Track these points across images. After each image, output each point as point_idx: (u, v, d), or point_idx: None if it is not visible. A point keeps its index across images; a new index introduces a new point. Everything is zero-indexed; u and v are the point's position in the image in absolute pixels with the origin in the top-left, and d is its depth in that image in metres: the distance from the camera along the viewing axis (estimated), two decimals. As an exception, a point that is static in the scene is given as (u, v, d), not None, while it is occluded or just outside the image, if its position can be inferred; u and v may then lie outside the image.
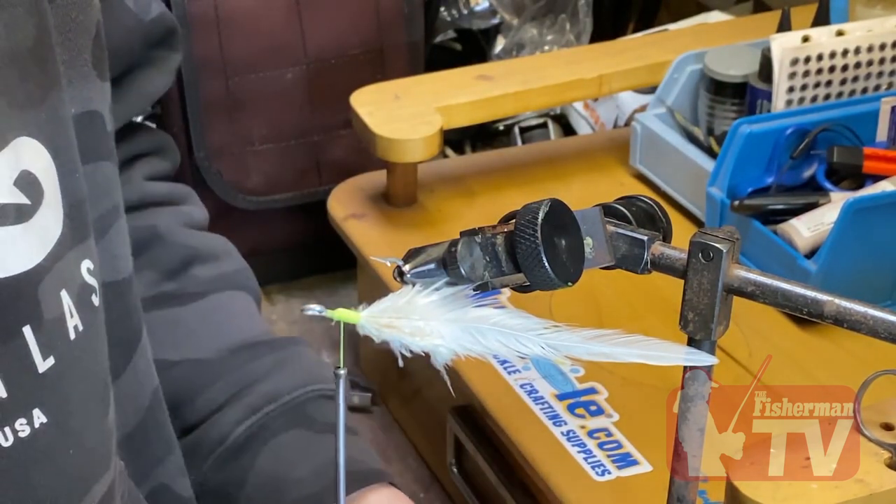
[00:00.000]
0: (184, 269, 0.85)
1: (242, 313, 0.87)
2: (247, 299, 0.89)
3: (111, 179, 0.72)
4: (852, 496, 0.60)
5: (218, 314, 0.86)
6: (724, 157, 1.17)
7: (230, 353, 0.84)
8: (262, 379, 0.82)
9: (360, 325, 0.56)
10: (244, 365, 0.83)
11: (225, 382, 0.82)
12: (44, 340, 0.60)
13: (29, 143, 0.60)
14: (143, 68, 0.82)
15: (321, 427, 0.81)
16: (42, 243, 0.60)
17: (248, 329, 0.86)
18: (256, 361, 0.83)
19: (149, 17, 0.80)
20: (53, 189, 0.61)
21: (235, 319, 0.86)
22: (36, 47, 0.61)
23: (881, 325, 0.54)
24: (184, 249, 0.86)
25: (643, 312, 1.13)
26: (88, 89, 0.69)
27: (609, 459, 0.97)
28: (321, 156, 1.48)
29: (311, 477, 0.78)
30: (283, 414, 0.81)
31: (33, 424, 0.60)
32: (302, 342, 0.88)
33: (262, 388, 0.82)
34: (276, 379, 0.82)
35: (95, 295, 0.64)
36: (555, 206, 0.56)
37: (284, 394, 0.82)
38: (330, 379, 0.84)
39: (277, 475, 0.79)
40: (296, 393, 0.82)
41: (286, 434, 0.80)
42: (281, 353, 0.84)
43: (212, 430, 0.81)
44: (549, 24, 1.73)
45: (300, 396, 0.82)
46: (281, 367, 0.83)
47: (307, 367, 0.84)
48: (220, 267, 0.88)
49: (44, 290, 0.60)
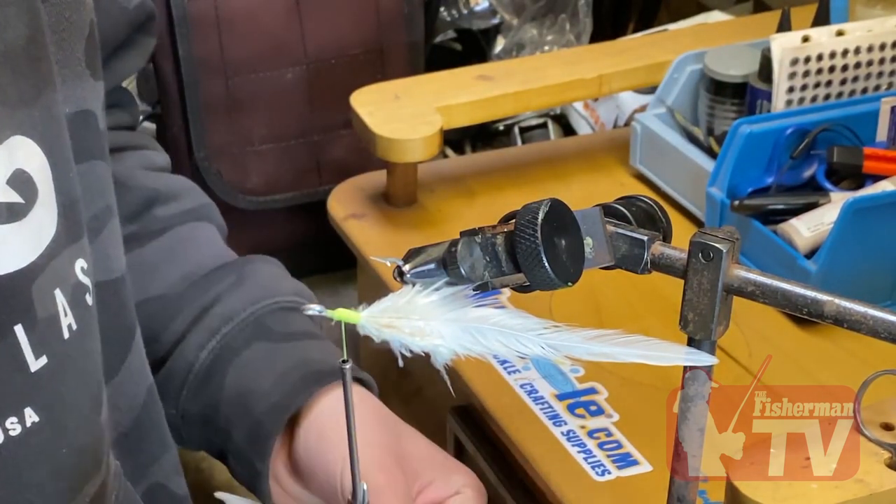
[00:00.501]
0: (145, 210, 0.86)
1: (203, 242, 0.88)
2: (208, 229, 0.89)
3: (105, 179, 0.73)
4: (852, 496, 0.60)
5: (179, 247, 0.86)
6: (724, 157, 1.17)
7: (191, 283, 0.85)
8: (219, 300, 0.83)
9: (360, 325, 0.56)
10: (204, 291, 0.84)
11: (186, 312, 0.84)
12: (36, 339, 0.60)
13: (23, 143, 0.60)
14: (121, 51, 0.84)
15: (280, 336, 0.82)
16: (36, 242, 0.60)
17: (209, 257, 0.87)
18: (216, 285, 0.84)
19: (132, 5, 0.82)
20: (48, 188, 0.61)
21: (196, 249, 0.87)
22: (29, 46, 0.61)
23: (881, 325, 0.54)
24: (144, 191, 0.86)
25: (643, 312, 1.13)
26: (82, 88, 0.69)
27: (609, 459, 0.97)
28: (321, 156, 1.48)
29: (275, 386, 0.79)
30: (242, 331, 0.82)
31: (25, 423, 0.60)
32: (263, 259, 0.89)
33: (219, 309, 0.83)
34: (232, 298, 0.83)
35: (89, 294, 0.64)
36: (555, 206, 0.56)
37: (241, 311, 0.83)
38: (286, 291, 0.86)
39: (244, 390, 0.80)
40: (252, 308, 0.83)
41: (248, 350, 0.82)
42: (238, 272, 0.85)
43: (179, 361, 0.82)
44: (549, 24, 1.73)
45: (257, 311, 0.83)
46: (237, 286, 0.84)
47: (263, 282, 0.85)
48: (182, 205, 0.89)
49: (37, 289, 0.60)
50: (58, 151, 0.63)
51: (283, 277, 0.88)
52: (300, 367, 0.80)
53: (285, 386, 0.79)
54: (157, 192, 0.87)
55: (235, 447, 0.81)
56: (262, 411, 0.79)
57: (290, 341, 0.82)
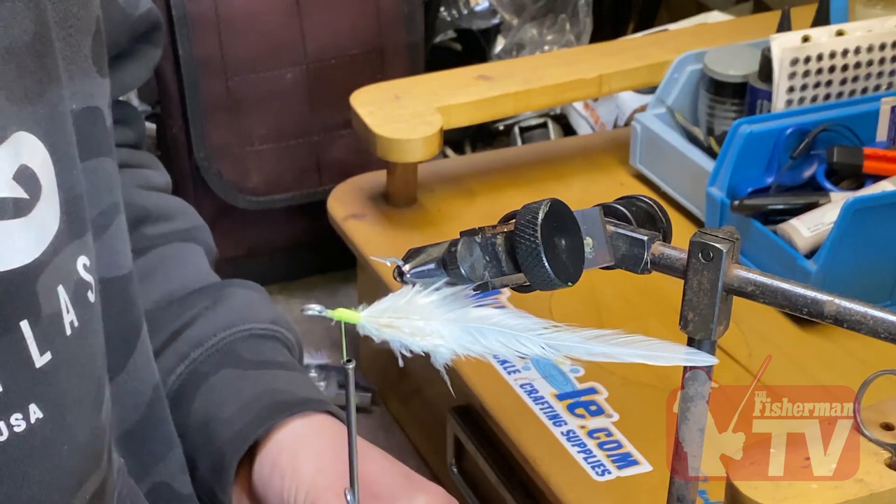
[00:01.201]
0: (133, 228, 0.84)
1: (186, 264, 0.87)
2: (194, 250, 0.88)
3: (112, 176, 0.72)
4: (852, 496, 0.60)
5: (161, 266, 0.85)
6: (724, 157, 1.17)
7: (167, 305, 0.83)
8: (192, 324, 0.82)
9: (360, 325, 0.56)
10: (179, 314, 0.83)
11: (160, 334, 0.82)
12: (41, 335, 0.60)
13: (27, 139, 0.60)
14: (124, 60, 0.82)
15: (249, 364, 0.81)
16: (40, 238, 0.60)
17: (189, 278, 0.86)
18: (190, 309, 0.83)
19: (137, 13, 0.81)
20: (50, 184, 0.61)
21: (177, 270, 0.86)
22: (34, 42, 0.61)
23: (881, 325, 0.54)
24: (134, 210, 0.85)
25: (643, 312, 1.13)
26: (89, 85, 0.69)
27: (609, 459, 0.97)
28: (321, 156, 1.48)
29: (238, 414, 0.78)
30: (211, 356, 0.81)
31: (29, 419, 0.60)
32: (243, 284, 0.87)
33: (190, 333, 0.82)
34: (203, 323, 0.82)
35: (91, 291, 0.64)
36: (555, 206, 0.56)
37: (211, 336, 0.82)
38: (262, 318, 0.84)
39: (209, 417, 0.79)
40: (223, 334, 0.82)
41: (215, 376, 0.81)
42: (214, 296, 0.84)
43: None
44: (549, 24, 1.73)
45: (228, 337, 0.82)
46: (211, 310, 0.83)
47: (237, 307, 0.84)
48: (172, 225, 0.87)
49: (42, 285, 0.60)
50: (61, 148, 0.63)
51: (261, 303, 0.87)
52: (265, 397, 0.79)
53: (248, 415, 0.78)
54: (148, 210, 0.86)
55: (199, 475, 0.80)
56: (224, 440, 0.78)
57: (259, 369, 0.81)
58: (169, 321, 0.83)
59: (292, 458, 0.76)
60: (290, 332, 0.87)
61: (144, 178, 0.88)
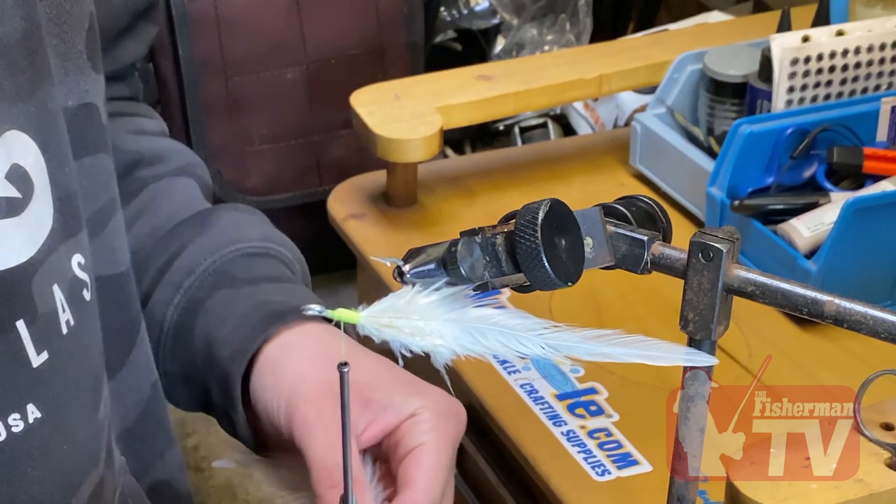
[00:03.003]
0: (127, 173, 0.83)
1: (175, 196, 0.85)
2: (184, 183, 0.86)
3: (109, 172, 0.72)
4: (852, 496, 0.60)
5: (152, 202, 0.84)
6: (724, 157, 1.17)
7: (159, 239, 0.82)
8: (181, 252, 0.81)
9: (360, 325, 0.56)
10: (168, 245, 0.82)
11: (152, 269, 0.81)
12: (37, 335, 0.60)
13: (18, 137, 0.60)
14: (123, 37, 0.83)
15: (241, 282, 0.79)
16: (34, 237, 0.60)
17: (178, 209, 0.84)
18: (180, 238, 0.82)
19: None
20: (43, 183, 0.61)
21: (167, 203, 0.84)
22: (25, 40, 0.61)
23: (881, 325, 0.54)
24: (126, 155, 0.84)
25: (643, 312, 1.13)
26: (84, 81, 0.68)
27: (609, 459, 0.97)
28: (321, 156, 1.48)
29: (235, 331, 0.76)
30: (205, 281, 0.80)
31: (27, 419, 0.60)
32: (232, 206, 0.85)
33: (180, 262, 0.81)
34: (192, 250, 0.81)
35: (87, 289, 0.64)
36: (555, 206, 0.56)
37: (201, 261, 0.80)
38: (253, 237, 0.83)
39: (210, 341, 0.78)
40: (213, 258, 0.81)
41: (211, 300, 0.79)
42: (202, 222, 0.83)
43: (150, 321, 0.80)
44: (549, 24, 1.73)
45: (219, 260, 0.81)
46: (199, 235, 0.82)
47: (226, 229, 0.83)
48: (167, 166, 0.86)
49: (37, 285, 0.60)
50: (53, 146, 0.63)
51: (251, 223, 0.85)
52: (260, 309, 0.76)
53: (244, 330, 0.76)
54: (141, 154, 0.85)
55: (215, 403, 0.78)
56: (225, 359, 0.76)
57: (252, 285, 0.79)
58: (159, 255, 0.81)
59: (274, 370, 0.74)
60: (286, 248, 0.84)
61: (136, 124, 0.88)
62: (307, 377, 0.72)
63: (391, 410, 0.70)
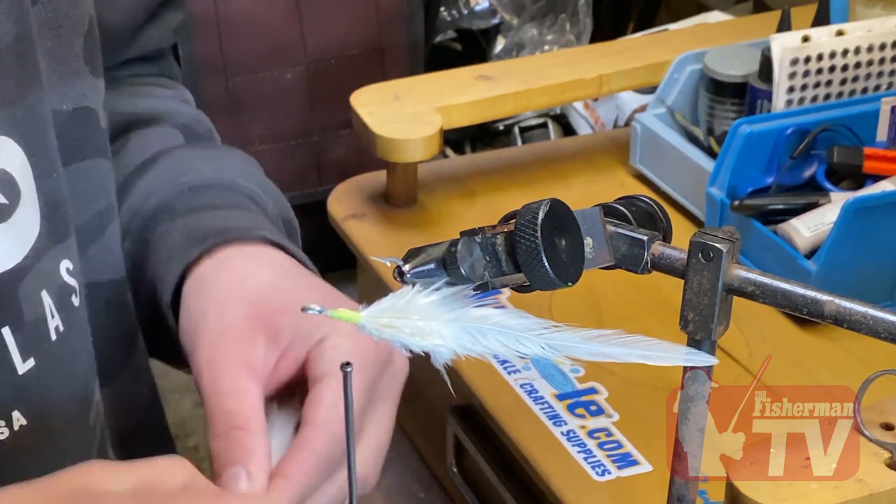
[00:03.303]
0: (121, 135, 0.80)
1: (154, 140, 0.80)
2: (162, 130, 0.81)
3: (107, 177, 0.71)
4: (852, 496, 0.60)
5: (125, 155, 0.78)
6: (724, 157, 1.17)
7: (120, 186, 0.76)
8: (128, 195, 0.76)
9: (360, 325, 0.56)
10: (124, 190, 0.76)
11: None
12: (24, 341, 0.60)
13: (4, 143, 0.59)
14: (147, 24, 0.81)
15: (181, 213, 0.73)
16: (21, 243, 0.60)
17: (139, 154, 0.79)
18: (135, 181, 0.77)
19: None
20: (29, 189, 0.61)
21: (128, 158, 0.79)
22: (15, 45, 0.60)
23: (881, 325, 0.54)
24: (120, 117, 0.79)
25: (643, 312, 1.13)
26: (81, 85, 0.68)
27: (609, 459, 0.97)
28: (321, 156, 1.48)
29: (167, 264, 0.70)
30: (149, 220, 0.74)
31: (13, 426, 0.60)
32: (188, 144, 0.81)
33: (127, 204, 0.75)
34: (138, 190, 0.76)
35: (76, 295, 0.64)
36: (555, 206, 0.56)
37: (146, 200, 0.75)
38: (204, 171, 0.77)
39: (156, 279, 0.70)
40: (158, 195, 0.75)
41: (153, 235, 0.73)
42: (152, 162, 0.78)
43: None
44: (549, 24, 1.73)
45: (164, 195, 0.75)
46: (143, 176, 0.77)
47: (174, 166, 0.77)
48: (164, 125, 0.82)
49: (24, 291, 0.60)
50: (40, 152, 0.62)
51: (201, 158, 0.79)
52: (188, 237, 0.70)
53: (173, 262, 0.69)
54: (138, 115, 0.80)
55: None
56: (164, 299, 0.69)
57: (190, 214, 0.72)
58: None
59: (187, 307, 0.66)
60: (253, 181, 0.79)
61: (145, 91, 0.83)
62: (209, 314, 0.65)
63: (300, 339, 0.63)
